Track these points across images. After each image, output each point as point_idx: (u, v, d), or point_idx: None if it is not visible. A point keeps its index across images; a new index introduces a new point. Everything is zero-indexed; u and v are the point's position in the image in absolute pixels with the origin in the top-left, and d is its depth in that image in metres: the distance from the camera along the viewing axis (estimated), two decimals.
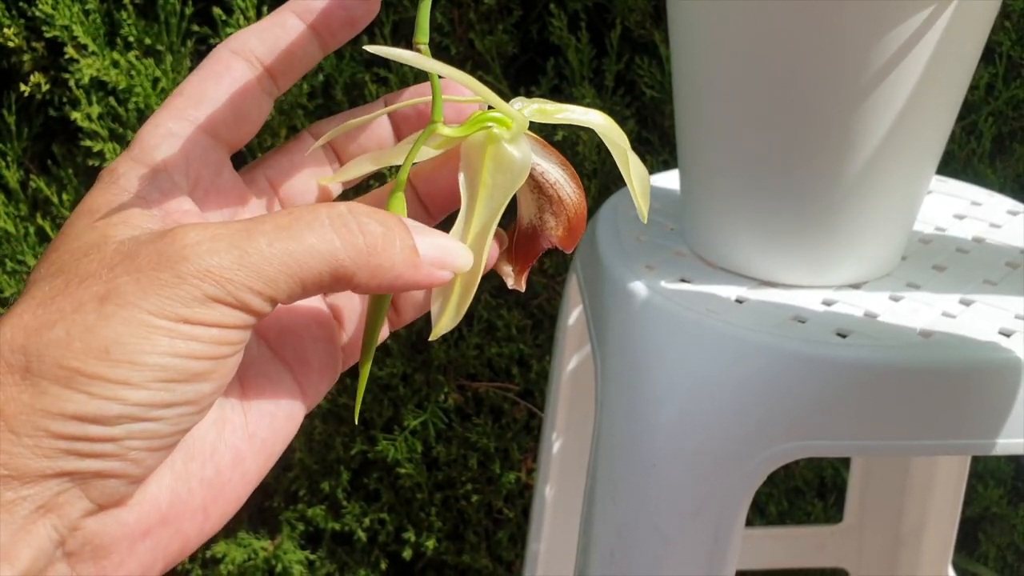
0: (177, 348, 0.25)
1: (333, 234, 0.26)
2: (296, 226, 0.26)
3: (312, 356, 0.31)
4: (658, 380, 0.45)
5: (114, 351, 0.24)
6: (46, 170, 0.83)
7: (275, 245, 0.26)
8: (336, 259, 0.26)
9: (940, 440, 0.44)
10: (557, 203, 0.29)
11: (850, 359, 0.43)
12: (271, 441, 0.29)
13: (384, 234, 0.27)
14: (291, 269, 0.26)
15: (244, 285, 0.25)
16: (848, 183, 0.45)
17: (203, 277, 0.25)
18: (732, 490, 0.44)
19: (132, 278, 0.25)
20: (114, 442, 0.25)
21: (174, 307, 0.25)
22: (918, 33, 0.42)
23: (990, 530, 0.92)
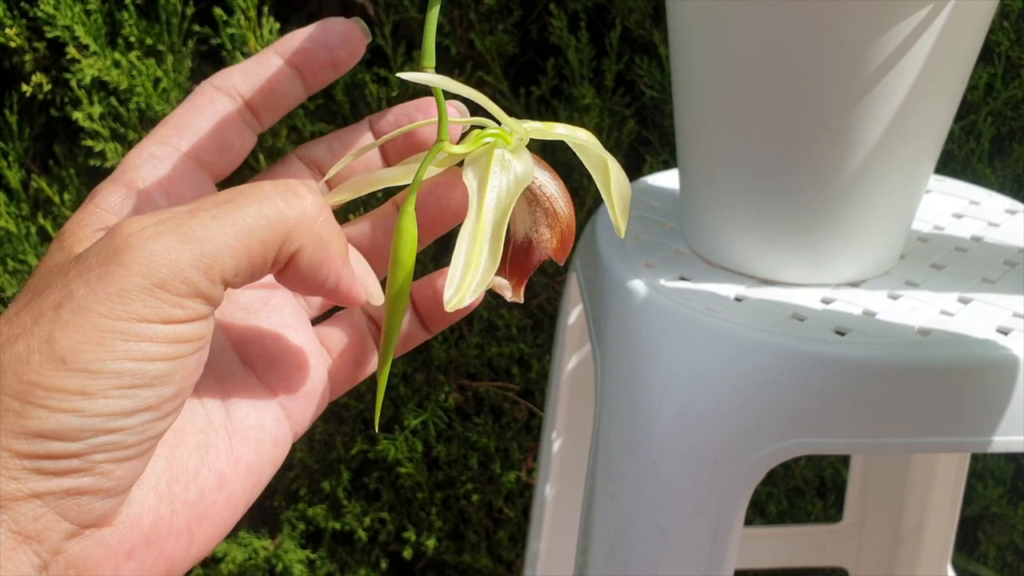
0: (132, 352, 0.24)
1: (279, 198, 0.26)
2: (240, 198, 0.26)
3: (297, 384, 0.31)
4: (657, 377, 0.45)
5: (70, 360, 0.24)
6: (47, 170, 0.83)
7: (219, 218, 0.25)
8: (283, 220, 0.26)
9: (938, 437, 0.44)
10: (552, 216, 0.31)
11: (848, 357, 0.43)
12: (257, 465, 0.29)
13: (325, 205, 0.27)
14: (237, 240, 0.25)
15: (191, 265, 0.25)
16: (846, 182, 0.45)
17: (148, 263, 0.24)
18: (731, 487, 0.44)
19: (83, 280, 0.25)
20: (79, 457, 0.24)
21: (126, 304, 0.24)
22: (916, 32, 0.42)
23: (990, 529, 0.92)
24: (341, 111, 0.80)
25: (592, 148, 0.32)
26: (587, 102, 0.78)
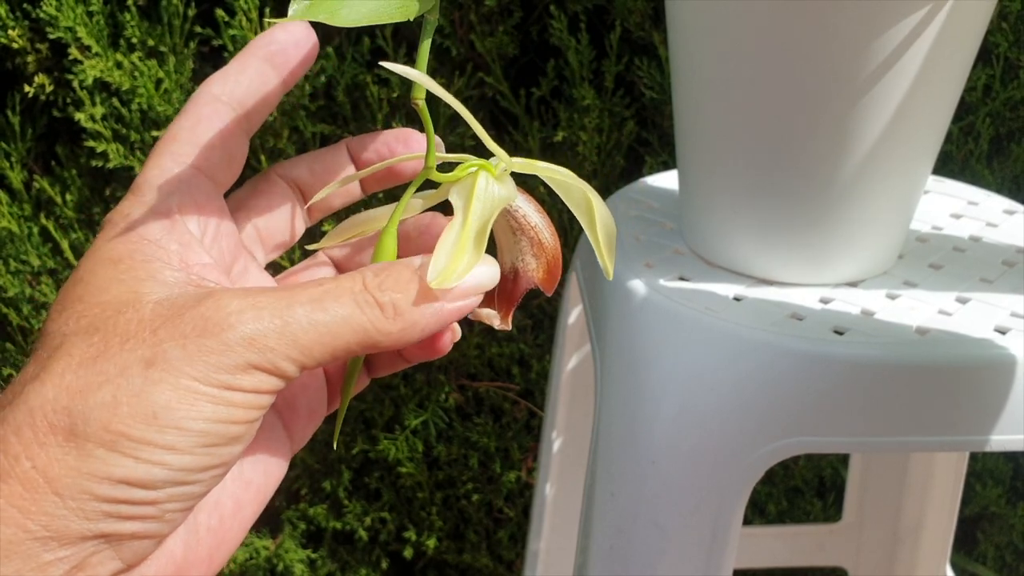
0: (219, 414, 0.26)
1: (357, 309, 0.28)
2: (326, 299, 0.27)
3: (301, 403, 0.32)
4: (657, 377, 0.46)
5: (162, 416, 0.25)
6: (50, 170, 0.83)
7: (311, 316, 0.27)
8: (364, 331, 0.28)
9: (936, 436, 0.44)
10: (537, 245, 0.31)
11: (847, 356, 0.43)
12: (264, 487, 0.31)
13: (402, 298, 0.28)
14: (325, 339, 0.27)
15: (283, 353, 0.26)
16: (844, 182, 0.45)
17: (247, 345, 0.26)
18: (730, 486, 0.44)
19: (177, 344, 0.26)
20: (155, 505, 0.26)
21: (219, 375, 0.26)
22: (914, 33, 0.42)
23: (989, 529, 0.92)
24: (343, 112, 0.80)
25: (574, 185, 0.33)
26: (587, 103, 0.78)
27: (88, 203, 0.82)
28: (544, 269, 0.32)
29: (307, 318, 0.27)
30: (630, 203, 0.58)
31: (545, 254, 0.32)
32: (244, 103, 0.31)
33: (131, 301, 0.27)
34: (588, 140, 0.79)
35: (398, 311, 0.28)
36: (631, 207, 0.57)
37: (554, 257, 0.32)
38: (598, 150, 0.80)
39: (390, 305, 0.28)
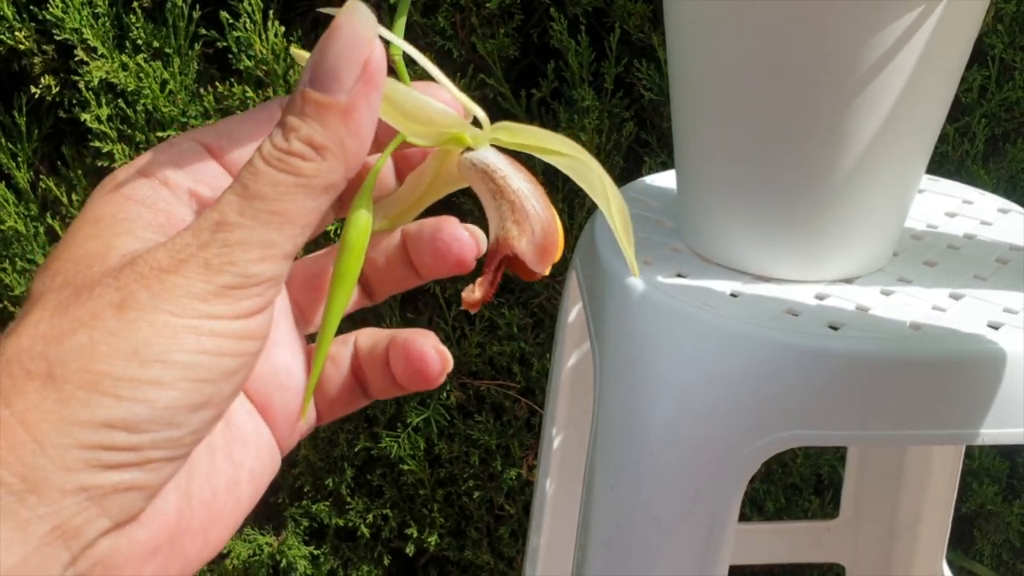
0: (206, 346, 0.25)
1: (282, 176, 0.26)
2: (249, 189, 0.26)
3: (276, 404, 0.30)
4: (655, 371, 0.46)
5: (143, 351, 0.24)
6: (56, 171, 0.84)
7: (251, 214, 0.26)
8: (304, 187, 0.26)
9: (929, 430, 0.45)
10: (520, 211, 0.29)
11: (842, 350, 0.44)
12: (258, 471, 0.30)
13: (310, 129, 0.26)
14: (275, 223, 0.26)
15: (246, 259, 0.25)
16: (839, 180, 0.46)
17: (207, 268, 0.25)
18: (727, 479, 0.45)
19: (142, 285, 0.25)
20: (137, 451, 0.24)
21: (193, 304, 0.25)
22: (908, 32, 0.43)
23: (985, 527, 0.93)
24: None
25: (585, 163, 0.30)
26: (587, 104, 0.79)
27: None
28: (529, 240, 0.29)
29: (250, 219, 0.25)
30: (629, 202, 0.59)
31: (531, 222, 0.29)
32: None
33: (101, 254, 0.26)
34: (588, 141, 0.79)
35: (318, 145, 0.26)
36: (630, 206, 0.58)
37: (544, 229, 0.29)
38: (598, 151, 0.80)
39: (307, 148, 0.26)
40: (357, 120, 0.26)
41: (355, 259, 0.29)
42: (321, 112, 0.26)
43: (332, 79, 0.26)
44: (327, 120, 0.26)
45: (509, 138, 0.30)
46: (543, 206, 0.29)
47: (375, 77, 0.26)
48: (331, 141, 0.26)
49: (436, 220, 0.31)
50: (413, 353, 0.31)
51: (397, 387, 0.31)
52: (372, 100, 0.26)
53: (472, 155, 0.29)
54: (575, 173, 0.30)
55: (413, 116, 0.29)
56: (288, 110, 0.27)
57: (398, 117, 0.29)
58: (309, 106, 0.26)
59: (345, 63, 0.26)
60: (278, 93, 0.77)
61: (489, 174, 0.29)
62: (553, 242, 0.29)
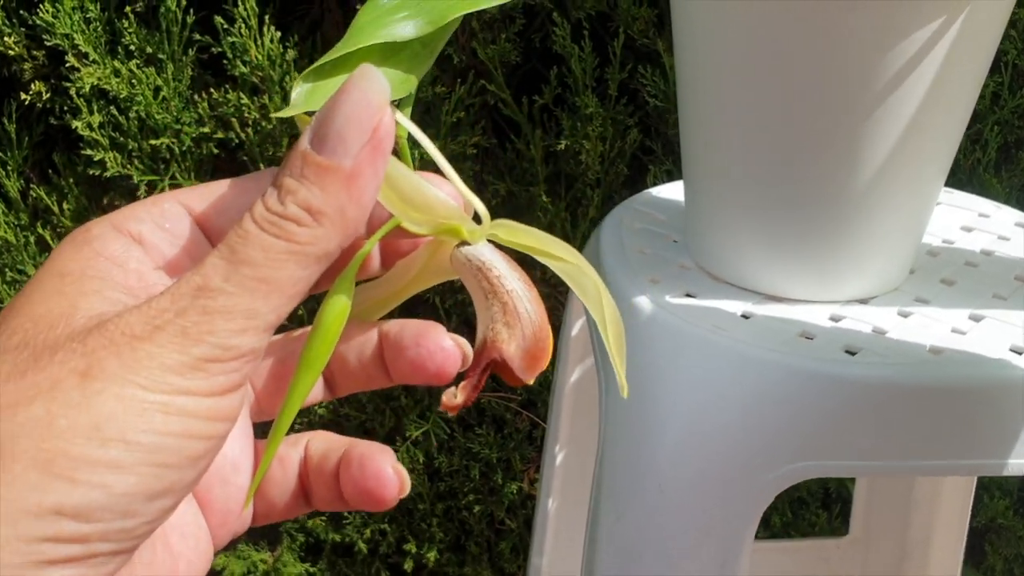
0: (172, 426, 0.23)
1: (274, 241, 0.24)
2: (238, 253, 0.24)
3: (216, 498, 0.28)
4: (663, 397, 0.45)
5: (105, 428, 0.22)
6: (47, 179, 0.82)
7: (236, 280, 0.24)
8: (297, 254, 0.24)
9: (951, 460, 0.43)
10: (512, 314, 0.27)
11: (859, 377, 0.42)
12: (195, 564, 0.27)
13: (310, 194, 0.24)
14: (260, 291, 0.24)
15: (227, 329, 0.24)
16: (855, 196, 0.44)
17: (185, 337, 0.23)
18: (740, 512, 0.43)
19: (111, 352, 0.23)
20: (84, 543, 0.22)
21: (166, 378, 0.23)
22: (928, 44, 0.41)
23: (996, 541, 0.91)
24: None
25: (583, 271, 0.28)
26: (590, 111, 0.77)
27: (86, 212, 0.81)
28: (519, 344, 0.27)
29: (235, 285, 0.23)
30: (635, 215, 0.57)
31: (522, 325, 0.27)
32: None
33: (66, 314, 0.24)
34: (591, 148, 0.78)
35: (316, 210, 0.24)
36: (636, 219, 0.56)
37: (535, 334, 0.27)
38: (601, 158, 0.79)
39: (303, 213, 0.24)
40: (360, 188, 0.25)
41: (326, 347, 0.27)
42: (322, 176, 0.24)
43: (337, 142, 0.24)
44: (328, 185, 0.24)
45: (508, 236, 0.28)
46: (536, 309, 0.28)
47: (383, 144, 0.25)
48: (330, 207, 0.24)
49: (420, 325, 0.29)
50: (368, 472, 0.28)
51: (343, 503, 0.29)
52: (378, 169, 0.25)
53: (467, 250, 0.28)
54: (572, 280, 0.29)
55: (411, 200, 0.27)
56: (285, 171, 0.25)
57: (395, 200, 0.27)
58: (309, 168, 0.24)
59: (354, 126, 0.24)
60: (274, 100, 0.75)
61: (484, 271, 0.28)
62: (543, 349, 0.28)
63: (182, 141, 0.76)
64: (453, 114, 0.77)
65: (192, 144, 0.77)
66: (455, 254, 0.28)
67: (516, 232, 0.28)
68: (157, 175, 0.77)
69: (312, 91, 0.27)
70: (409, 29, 0.28)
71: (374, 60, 0.27)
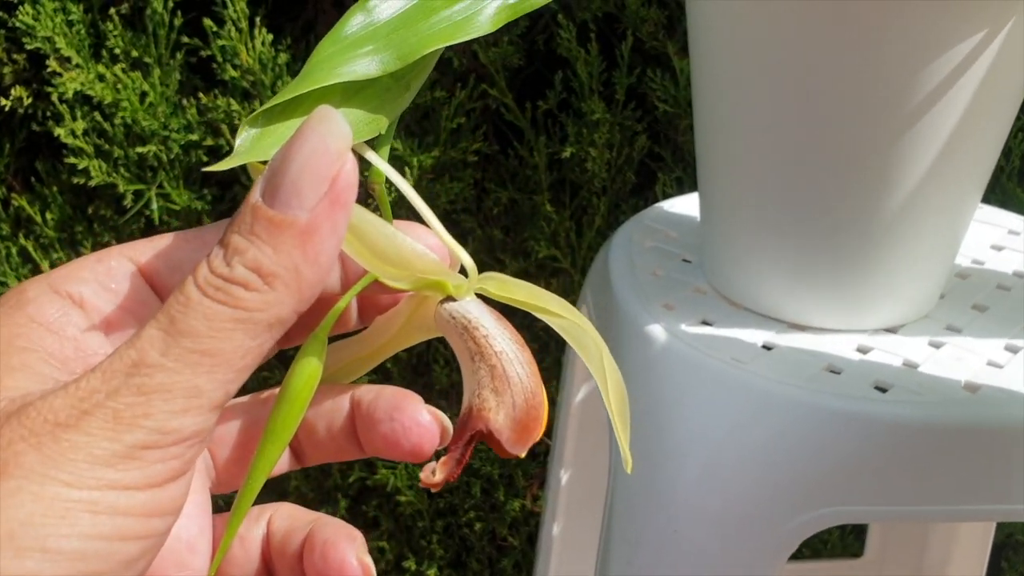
0: (102, 528, 0.20)
1: (218, 308, 0.21)
2: (177, 323, 0.21)
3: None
4: (679, 436, 0.42)
5: (21, 536, 0.19)
6: (29, 187, 0.79)
7: (177, 353, 0.21)
8: (246, 322, 0.22)
9: (989, 505, 0.40)
10: (501, 378, 0.24)
11: (890, 416, 0.40)
12: None
13: (260, 255, 0.22)
14: (205, 364, 0.21)
15: (167, 410, 0.21)
16: (887, 219, 0.41)
17: (118, 422, 0.20)
18: (761, 559, 0.40)
19: (30, 445, 0.20)
20: None
21: (96, 472, 0.20)
22: (968, 59, 0.38)
23: (1013, 558, 0.89)
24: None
25: (582, 329, 0.26)
26: (596, 117, 0.74)
27: (70, 222, 0.78)
28: (508, 415, 0.24)
29: (174, 360, 0.21)
30: (646, 232, 0.54)
31: (511, 392, 0.24)
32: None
33: None
34: (598, 156, 0.74)
35: (267, 272, 0.21)
36: (647, 236, 0.53)
37: (527, 402, 0.24)
38: (608, 166, 0.76)
39: (252, 275, 0.21)
40: (317, 245, 0.22)
41: (294, 415, 0.25)
42: (274, 232, 0.21)
43: (292, 194, 0.21)
44: (281, 243, 0.21)
45: (498, 291, 0.26)
46: (529, 374, 0.25)
47: (344, 196, 0.22)
48: (283, 268, 0.22)
49: (396, 395, 0.26)
50: (331, 564, 0.25)
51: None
52: (337, 223, 0.22)
53: (452, 306, 0.25)
54: (571, 338, 0.26)
55: (385, 256, 0.25)
56: (233, 227, 0.22)
57: (367, 255, 0.25)
58: (260, 224, 0.22)
59: (310, 176, 0.21)
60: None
61: (470, 330, 0.25)
62: (536, 418, 0.25)
63: (170, 148, 0.73)
64: (453, 120, 0.74)
65: (180, 152, 0.74)
66: (438, 311, 0.25)
67: (507, 286, 0.26)
68: (144, 184, 0.74)
69: (260, 136, 0.24)
70: (374, 66, 0.24)
71: (334, 100, 0.24)
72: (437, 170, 0.76)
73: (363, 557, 0.25)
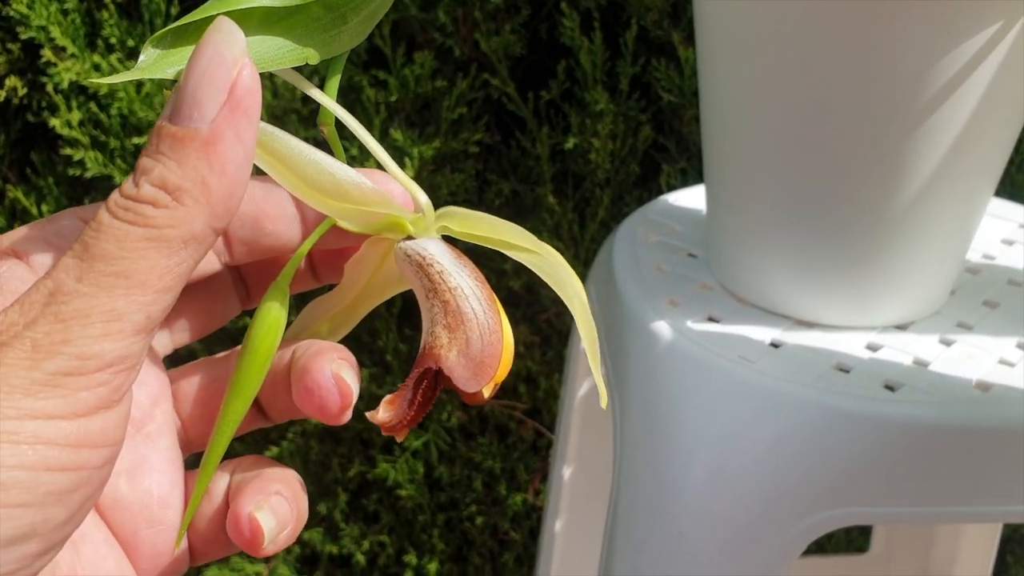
0: (24, 457, 0.20)
1: (129, 228, 0.21)
2: (90, 248, 0.21)
3: (144, 541, 0.25)
4: (685, 436, 0.41)
5: None
6: (25, 179, 0.78)
7: (93, 277, 0.21)
8: (158, 240, 0.21)
9: (1001, 506, 0.39)
10: (454, 314, 0.23)
11: (901, 416, 0.39)
12: None
13: (166, 170, 0.21)
14: (121, 287, 0.21)
15: (86, 335, 0.20)
16: (898, 215, 0.41)
17: (35, 350, 0.20)
18: (768, 562, 0.39)
19: None
20: None
21: (14, 401, 0.19)
22: (981, 54, 0.37)
23: (1019, 552, 0.88)
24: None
25: (553, 263, 0.25)
26: (600, 107, 0.73)
27: None
28: (462, 351, 0.23)
29: (90, 285, 0.21)
30: (650, 226, 0.53)
31: (466, 328, 0.23)
32: None
33: None
34: (601, 147, 0.73)
35: (173, 187, 0.21)
36: (651, 231, 0.52)
37: (483, 338, 0.23)
38: (611, 157, 0.74)
39: (159, 192, 0.21)
40: (222, 154, 0.21)
41: (259, 365, 0.24)
42: (177, 147, 0.21)
43: (192, 107, 0.21)
44: (185, 156, 0.21)
45: (460, 227, 0.25)
46: (487, 309, 0.24)
47: (243, 102, 0.21)
48: (190, 181, 0.21)
49: (312, 352, 0.25)
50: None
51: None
52: (240, 130, 0.21)
53: (408, 244, 0.25)
54: (542, 273, 0.25)
55: (322, 188, 0.24)
56: (142, 153, 0.22)
57: (306, 189, 0.24)
58: (164, 142, 0.21)
59: (207, 87, 0.21)
60: (264, 96, 0.71)
61: (424, 267, 0.24)
62: (493, 355, 0.23)
63: None
64: (454, 110, 0.73)
65: None
66: (396, 250, 0.25)
67: (469, 221, 0.25)
68: None
69: (163, 56, 0.23)
70: None
71: (251, 24, 0.23)
72: (438, 161, 0.75)
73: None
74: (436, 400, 0.25)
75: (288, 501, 0.25)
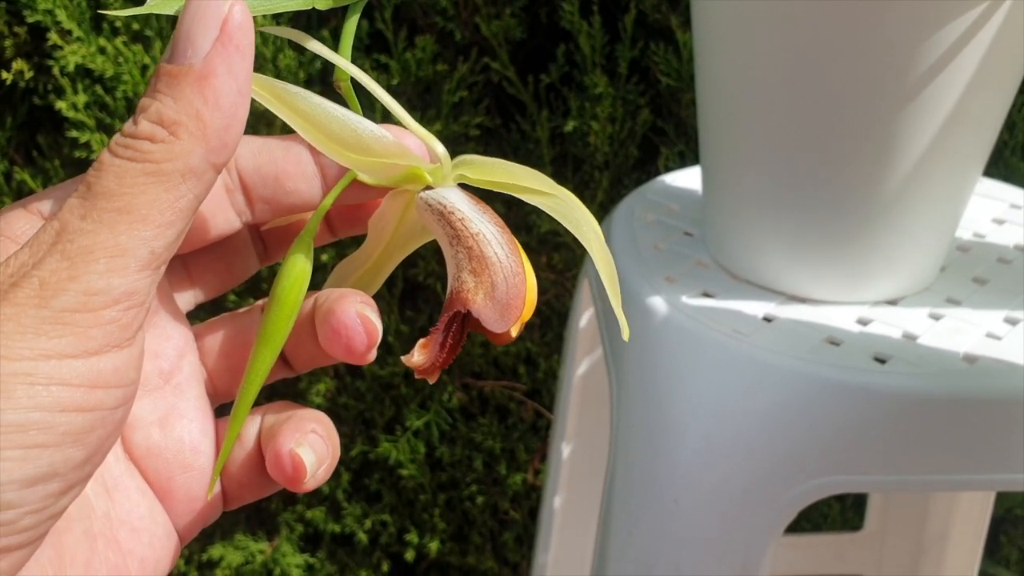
0: (39, 398, 0.20)
1: (131, 165, 0.22)
2: (94, 186, 0.22)
3: (178, 487, 0.26)
4: (679, 407, 0.42)
5: None
6: (31, 161, 0.79)
7: (103, 213, 0.21)
8: (159, 175, 0.22)
9: (987, 475, 0.40)
10: (478, 259, 0.24)
11: (890, 388, 0.40)
12: (152, 561, 0.25)
13: (163, 107, 0.22)
14: (123, 219, 0.21)
15: (94, 270, 0.21)
16: (888, 192, 0.41)
17: (43, 288, 0.20)
18: (760, 530, 0.40)
19: None
20: None
21: (27, 341, 0.20)
22: (970, 32, 0.38)
23: (1012, 532, 0.89)
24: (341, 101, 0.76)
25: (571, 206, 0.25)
26: (599, 91, 0.73)
27: None
28: (488, 294, 0.24)
29: (93, 222, 0.21)
30: (648, 205, 0.54)
31: (491, 272, 0.24)
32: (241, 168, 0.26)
33: None
34: (600, 130, 0.74)
35: (169, 121, 0.22)
36: (649, 210, 0.53)
37: (507, 280, 0.24)
38: (610, 140, 0.75)
39: (156, 127, 0.22)
40: (215, 87, 0.22)
41: (285, 316, 0.25)
42: (173, 84, 0.22)
43: (186, 45, 0.22)
44: (180, 92, 0.22)
45: (476, 174, 0.26)
46: (509, 253, 0.25)
47: (235, 37, 0.22)
48: (185, 115, 0.22)
49: (337, 295, 0.25)
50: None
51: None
52: (233, 64, 0.22)
53: (428, 194, 0.25)
54: (559, 215, 0.25)
55: (343, 141, 0.25)
56: (144, 95, 0.23)
57: (326, 142, 0.25)
58: (161, 80, 0.22)
59: (199, 25, 0.22)
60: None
61: (446, 215, 0.25)
62: (518, 295, 0.24)
63: None
64: (455, 93, 0.74)
65: None
66: (417, 201, 0.25)
67: (485, 168, 0.25)
68: None
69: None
70: None
71: None
72: None
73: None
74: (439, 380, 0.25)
75: (324, 439, 0.26)
